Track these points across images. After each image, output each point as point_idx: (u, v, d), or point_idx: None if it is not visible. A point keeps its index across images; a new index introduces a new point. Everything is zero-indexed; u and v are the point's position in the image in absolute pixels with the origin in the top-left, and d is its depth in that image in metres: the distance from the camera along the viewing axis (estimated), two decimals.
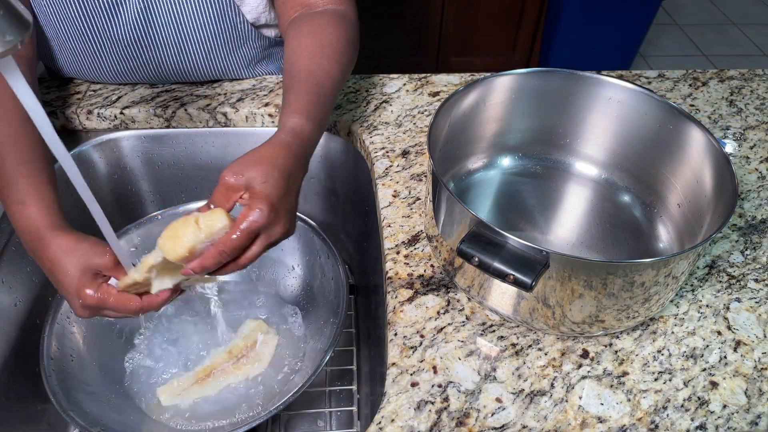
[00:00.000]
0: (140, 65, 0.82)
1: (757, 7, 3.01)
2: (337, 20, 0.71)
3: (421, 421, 0.52)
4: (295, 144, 0.56)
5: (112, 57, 0.80)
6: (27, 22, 0.36)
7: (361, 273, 0.93)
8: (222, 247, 0.50)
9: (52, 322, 0.70)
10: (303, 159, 0.56)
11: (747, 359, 0.57)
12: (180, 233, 0.50)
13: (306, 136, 0.57)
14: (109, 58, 0.80)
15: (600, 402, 0.54)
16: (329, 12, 0.73)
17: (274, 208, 0.51)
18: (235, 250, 0.50)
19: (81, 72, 0.84)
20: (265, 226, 0.51)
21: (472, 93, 0.64)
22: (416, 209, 0.71)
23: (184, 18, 0.77)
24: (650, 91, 0.63)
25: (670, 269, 0.50)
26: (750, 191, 0.74)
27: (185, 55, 0.81)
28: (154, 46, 0.79)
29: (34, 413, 0.72)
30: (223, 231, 0.50)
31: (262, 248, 0.52)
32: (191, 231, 0.50)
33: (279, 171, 0.52)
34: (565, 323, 0.54)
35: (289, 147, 0.55)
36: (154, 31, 0.77)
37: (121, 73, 0.83)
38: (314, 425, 0.79)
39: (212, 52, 0.82)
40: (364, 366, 0.83)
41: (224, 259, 0.50)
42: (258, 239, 0.51)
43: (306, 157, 0.57)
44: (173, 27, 0.77)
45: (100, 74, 0.84)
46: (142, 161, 0.89)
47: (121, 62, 0.81)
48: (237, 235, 0.49)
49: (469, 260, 0.49)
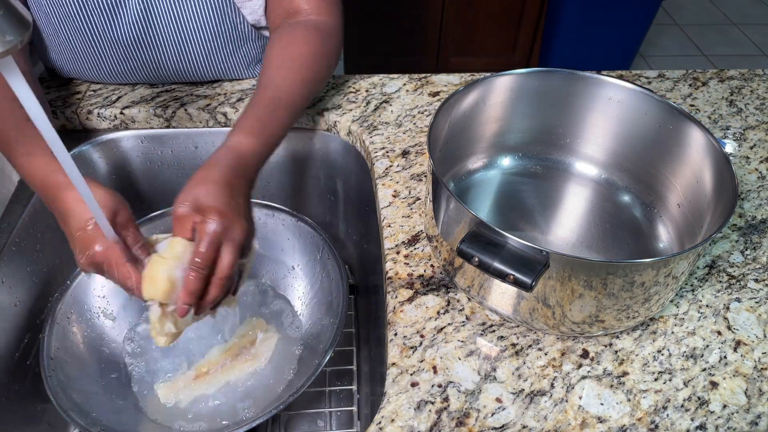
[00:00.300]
0: (140, 65, 0.82)
1: (757, 7, 3.01)
2: (312, 32, 0.74)
3: (421, 421, 0.52)
4: (229, 159, 0.59)
5: (113, 57, 0.80)
6: (27, 22, 0.37)
7: (361, 273, 0.93)
8: (194, 264, 0.53)
9: (52, 322, 0.70)
10: (242, 170, 0.59)
11: (747, 359, 0.57)
12: (152, 272, 0.54)
13: (244, 152, 0.61)
14: (110, 59, 0.80)
15: (600, 402, 0.54)
16: (307, 23, 0.75)
17: (224, 214, 0.54)
18: (207, 260, 0.53)
19: (81, 72, 0.84)
20: (223, 232, 0.54)
21: (472, 93, 0.64)
22: (416, 209, 0.71)
23: (185, 18, 0.77)
24: (650, 91, 0.63)
25: (670, 269, 0.50)
26: (750, 191, 0.74)
27: (185, 56, 0.81)
28: (155, 47, 0.79)
29: (34, 413, 0.72)
30: (188, 251, 0.54)
31: (232, 254, 0.54)
32: (159, 265, 0.54)
33: (217, 184, 0.55)
34: (565, 323, 0.54)
35: (221, 163, 0.58)
36: (155, 32, 0.77)
37: (122, 73, 0.83)
38: (314, 425, 0.79)
39: (213, 52, 0.82)
40: (364, 366, 0.83)
41: (201, 272, 0.53)
42: (224, 246, 0.54)
43: (245, 168, 0.60)
44: (174, 27, 0.77)
45: (100, 74, 0.84)
46: (142, 161, 0.89)
47: (121, 62, 0.81)
48: (202, 247, 0.53)
49: (469, 260, 0.49)
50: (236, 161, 0.59)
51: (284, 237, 0.82)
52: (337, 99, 0.87)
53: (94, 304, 0.76)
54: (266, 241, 0.82)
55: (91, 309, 0.76)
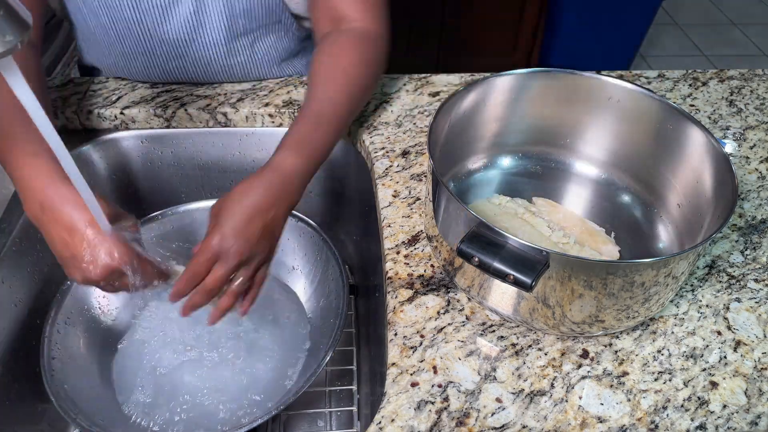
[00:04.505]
0: (190, 63, 0.82)
1: (757, 7, 3.01)
2: (358, 43, 0.73)
3: (421, 421, 0.52)
4: (271, 179, 0.61)
5: (163, 56, 0.81)
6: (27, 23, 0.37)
7: (361, 273, 0.93)
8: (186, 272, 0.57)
9: (52, 322, 0.70)
10: (282, 191, 0.61)
11: (747, 359, 0.57)
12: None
13: (288, 170, 0.61)
14: (160, 57, 0.81)
15: (600, 402, 0.54)
16: (352, 32, 0.74)
17: (225, 236, 0.56)
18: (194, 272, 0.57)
19: (130, 72, 0.85)
20: (218, 252, 0.56)
21: (472, 93, 0.64)
22: (416, 209, 0.71)
23: (233, 13, 0.77)
24: (650, 91, 0.63)
25: (670, 269, 0.50)
26: (750, 191, 0.74)
27: (232, 52, 0.82)
28: (203, 45, 0.80)
29: (34, 413, 0.72)
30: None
31: (222, 271, 0.57)
32: None
33: (241, 206, 0.58)
34: (565, 323, 0.54)
35: (263, 181, 0.60)
36: (205, 29, 0.78)
37: (171, 71, 0.84)
38: (314, 425, 0.79)
39: (257, 45, 0.83)
40: (364, 366, 0.83)
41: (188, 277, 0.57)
42: (217, 263, 0.57)
43: (287, 187, 0.61)
44: (223, 24, 0.78)
45: (150, 73, 0.84)
46: (142, 161, 0.89)
47: (171, 61, 0.82)
48: (195, 260, 0.56)
49: (469, 260, 0.49)
50: (279, 181, 0.60)
51: (284, 237, 0.81)
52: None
53: (94, 304, 0.76)
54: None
55: (91, 309, 0.76)
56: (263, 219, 0.59)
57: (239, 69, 0.85)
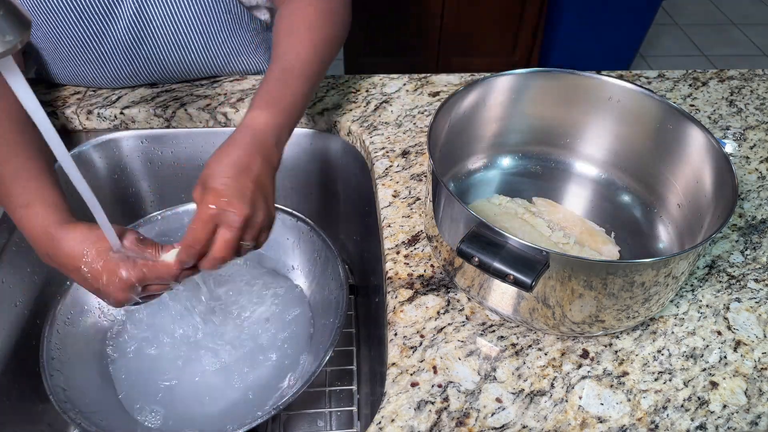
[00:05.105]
0: (140, 65, 0.81)
1: (757, 7, 3.01)
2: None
3: (421, 421, 0.52)
4: (243, 137, 0.58)
5: (112, 60, 0.80)
6: (27, 23, 0.37)
7: (361, 273, 0.93)
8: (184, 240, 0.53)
9: (52, 322, 0.70)
10: (257, 147, 0.58)
11: (747, 359, 0.57)
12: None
13: (259, 127, 0.59)
14: (109, 61, 0.80)
15: (600, 402, 0.54)
16: None
17: (219, 193, 0.53)
18: (196, 240, 0.53)
19: (81, 79, 0.84)
20: (218, 215, 0.52)
21: (472, 93, 0.64)
22: (416, 209, 0.71)
23: (180, 9, 0.76)
24: (650, 91, 0.63)
25: (670, 269, 0.50)
26: (750, 191, 0.74)
27: (184, 49, 0.80)
28: (153, 44, 0.79)
29: (34, 413, 0.72)
30: None
31: (229, 236, 0.53)
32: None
33: (222, 165, 0.54)
34: (565, 323, 0.54)
35: (234, 142, 0.57)
36: (152, 28, 0.77)
37: (123, 77, 0.83)
38: (314, 425, 0.79)
39: (209, 40, 0.81)
40: (364, 366, 0.83)
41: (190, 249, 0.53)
42: (219, 229, 0.53)
43: (261, 144, 0.59)
44: (170, 20, 0.77)
45: (100, 79, 0.83)
46: (142, 161, 0.89)
47: (121, 65, 0.81)
48: (193, 225, 0.53)
49: (469, 260, 0.49)
50: (251, 138, 0.58)
51: (284, 237, 0.81)
52: (337, 99, 0.87)
53: (94, 304, 0.76)
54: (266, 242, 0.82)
55: (91, 309, 0.76)
56: (249, 175, 0.55)
57: (195, 65, 0.84)
